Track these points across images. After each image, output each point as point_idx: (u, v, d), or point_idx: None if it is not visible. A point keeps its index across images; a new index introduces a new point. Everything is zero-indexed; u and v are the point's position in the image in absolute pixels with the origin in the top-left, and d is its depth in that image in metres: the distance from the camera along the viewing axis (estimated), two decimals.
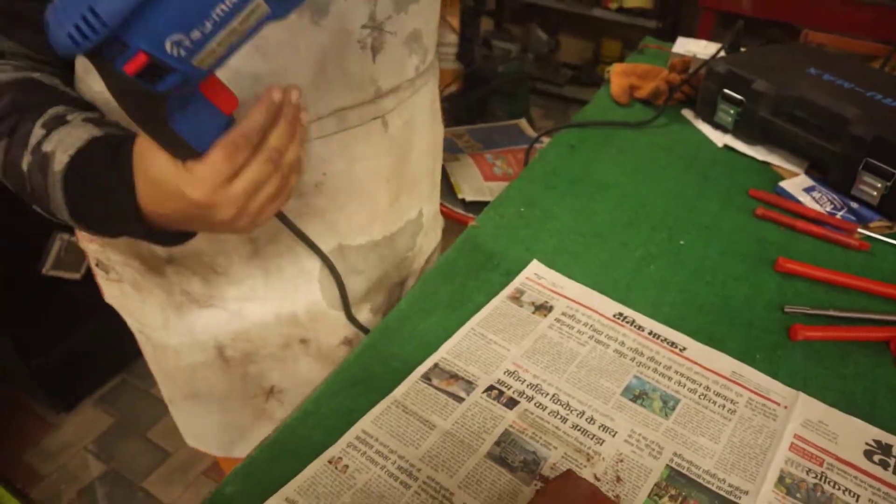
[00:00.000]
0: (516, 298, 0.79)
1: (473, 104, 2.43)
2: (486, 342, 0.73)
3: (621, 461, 0.62)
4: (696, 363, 0.72)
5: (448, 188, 1.36)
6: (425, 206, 0.86)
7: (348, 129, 0.67)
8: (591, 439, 0.64)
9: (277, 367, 0.83)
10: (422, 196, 0.84)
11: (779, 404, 0.69)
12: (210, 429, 0.90)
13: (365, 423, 0.65)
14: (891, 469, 0.64)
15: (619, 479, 0.61)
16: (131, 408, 1.73)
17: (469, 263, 0.84)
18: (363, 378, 0.70)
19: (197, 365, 0.81)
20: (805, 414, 0.68)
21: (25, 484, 1.53)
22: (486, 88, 2.41)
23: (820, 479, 0.62)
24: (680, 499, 0.60)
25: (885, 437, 0.66)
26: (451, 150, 1.44)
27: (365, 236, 0.76)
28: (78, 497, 1.50)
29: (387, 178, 0.74)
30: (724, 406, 0.68)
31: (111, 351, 1.72)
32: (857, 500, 0.61)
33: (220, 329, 0.78)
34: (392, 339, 0.74)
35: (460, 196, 1.33)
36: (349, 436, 0.64)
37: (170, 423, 0.94)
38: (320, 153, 0.67)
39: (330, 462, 0.62)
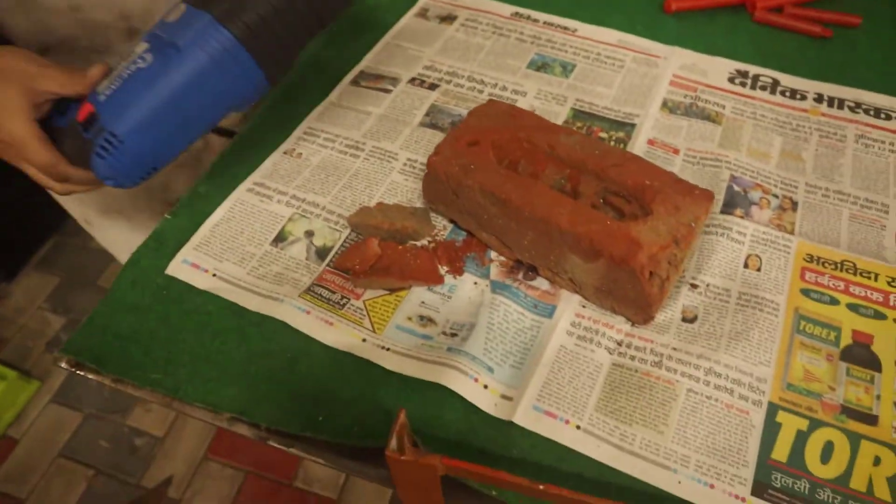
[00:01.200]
0: (423, 15, 0.86)
1: None
2: (402, 49, 0.81)
3: (534, 111, 0.73)
4: (587, 38, 0.83)
5: None
6: None
7: None
8: (506, 101, 0.74)
9: None
10: None
11: (659, 57, 0.80)
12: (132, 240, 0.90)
13: (309, 121, 0.73)
14: (748, 86, 0.77)
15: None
16: (74, 264, 1.74)
17: None
18: (296, 94, 0.77)
19: None
20: (681, 61, 0.80)
21: None
22: None
23: (695, 100, 0.75)
24: (585, 128, 0.72)
25: (744, 66, 0.80)
26: None
27: None
28: (48, 348, 1.55)
29: None
30: (613, 64, 0.79)
31: (39, 214, 1.70)
32: (723, 109, 0.74)
33: None
34: (316, 60, 0.80)
35: None
36: (297, 132, 0.72)
37: (116, 267, 0.96)
38: None
39: (285, 153, 0.70)
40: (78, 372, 0.57)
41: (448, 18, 0.85)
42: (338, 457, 0.52)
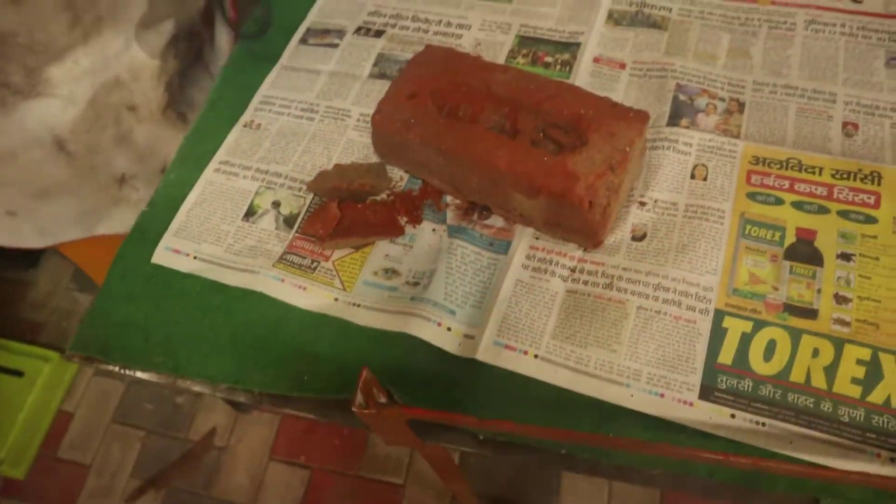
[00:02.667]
0: None
1: None
2: None
3: (479, 45, 0.73)
4: None
5: None
6: None
7: None
8: (451, 38, 0.75)
9: (122, 151, 0.82)
10: None
11: None
12: (67, 219, 0.87)
13: (263, 89, 0.75)
14: None
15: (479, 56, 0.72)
16: None
17: None
18: (248, 62, 0.78)
19: (39, 161, 0.78)
20: None
21: (31, 335, 1.66)
22: None
23: (640, 7, 0.74)
24: (530, 55, 0.72)
25: None
26: None
27: None
28: (82, 325, 1.65)
29: None
30: None
31: None
32: (670, 12, 0.73)
33: (55, 121, 0.74)
34: (264, 22, 0.81)
35: None
36: (254, 102, 0.74)
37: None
38: None
39: (245, 125, 0.72)
40: (90, 364, 0.62)
41: None
42: (324, 409, 0.57)
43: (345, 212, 0.63)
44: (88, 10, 0.68)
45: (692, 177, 0.62)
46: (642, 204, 0.61)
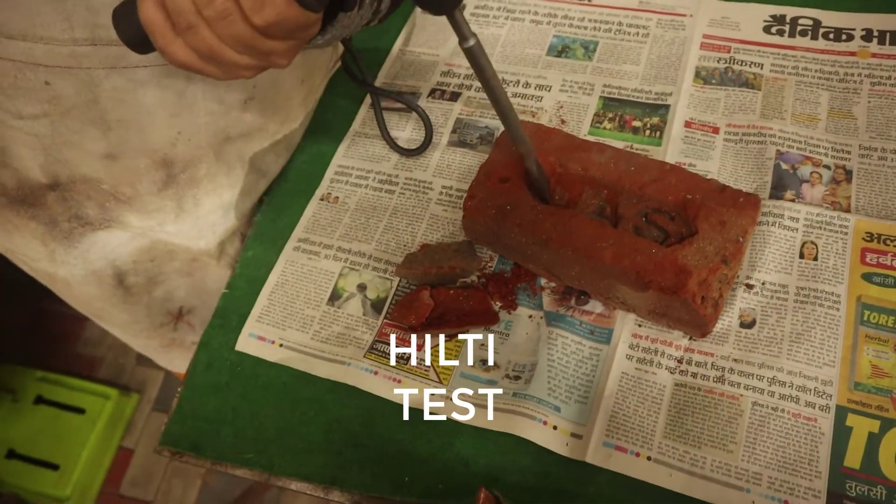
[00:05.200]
0: None
1: None
2: (416, 56, 0.79)
3: (561, 107, 0.71)
4: (605, 6, 0.78)
5: None
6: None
7: None
8: (531, 100, 0.72)
9: (184, 282, 0.77)
10: (321, 88, 0.79)
11: (685, 15, 0.75)
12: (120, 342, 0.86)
13: (337, 158, 0.73)
14: (786, 34, 0.72)
15: (563, 122, 0.70)
16: None
17: None
18: (320, 127, 0.76)
19: (92, 297, 0.73)
20: (709, 14, 0.75)
21: (89, 370, 1.68)
22: None
23: (729, 63, 0.71)
24: (617, 119, 0.69)
25: (780, 10, 0.74)
26: None
27: (269, 139, 0.71)
28: (138, 362, 1.66)
29: (302, 79, 0.71)
30: (637, 34, 0.75)
31: None
32: (761, 69, 0.70)
33: (118, 251, 0.69)
34: (332, 90, 0.79)
35: None
36: (329, 173, 0.72)
37: None
38: None
39: (322, 199, 0.71)
40: (180, 459, 0.62)
41: None
42: None
43: (437, 299, 0.61)
44: (185, 171, 0.64)
45: (801, 256, 0.58)
46: (749, 286, 0.58)
